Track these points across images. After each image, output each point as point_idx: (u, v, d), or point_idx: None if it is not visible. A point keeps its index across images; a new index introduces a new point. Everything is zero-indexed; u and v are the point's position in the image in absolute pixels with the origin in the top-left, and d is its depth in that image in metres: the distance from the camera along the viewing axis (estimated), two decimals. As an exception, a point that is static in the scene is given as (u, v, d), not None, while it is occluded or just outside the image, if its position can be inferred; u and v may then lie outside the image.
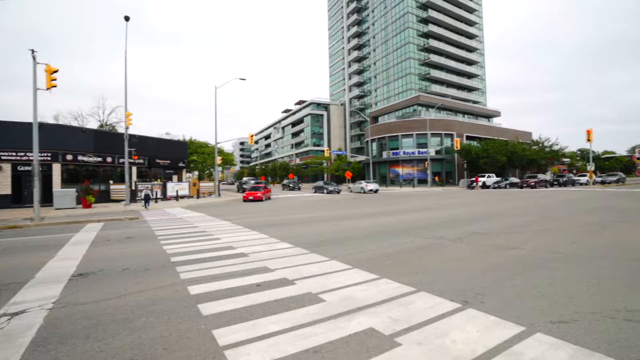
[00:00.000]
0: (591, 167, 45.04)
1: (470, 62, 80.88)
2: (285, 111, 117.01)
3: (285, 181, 53.61)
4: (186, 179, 40.35)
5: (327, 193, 37.29)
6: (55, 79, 15.98)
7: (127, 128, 23.98)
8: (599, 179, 46.14)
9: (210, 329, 3.85)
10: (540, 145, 54.17)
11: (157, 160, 34.30)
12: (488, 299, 4.60)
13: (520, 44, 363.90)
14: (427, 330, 3.71)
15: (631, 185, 40.42)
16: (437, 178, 52.35)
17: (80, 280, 6.00)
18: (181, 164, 38.01)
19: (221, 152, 62.42)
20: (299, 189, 48.00)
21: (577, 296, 4.65)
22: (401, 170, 54.73)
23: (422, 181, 52.21)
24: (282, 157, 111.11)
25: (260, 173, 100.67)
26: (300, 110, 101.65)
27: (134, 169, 31.24)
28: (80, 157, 26.95)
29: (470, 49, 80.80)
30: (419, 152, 52.27)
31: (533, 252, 7.36)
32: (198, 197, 33.09)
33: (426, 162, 50.07)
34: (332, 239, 9.47)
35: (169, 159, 35.84)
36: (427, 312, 4.18)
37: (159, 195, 29.67)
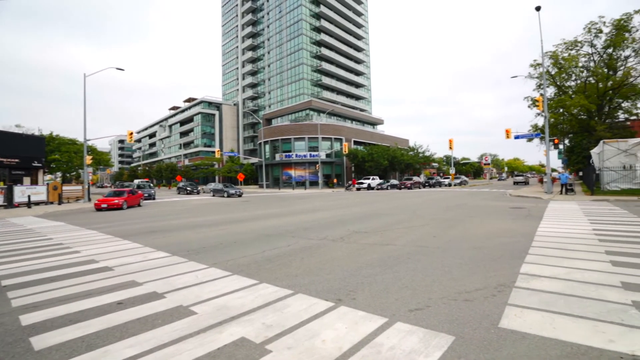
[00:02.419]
0: (453, 170, 53.74)
1: (358, 73, 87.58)
2: (173, 108, 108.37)
3: (181, 184, 48.53)
4: (45, 181, 33.71)
5: (228, 196, 35.43)
6: None
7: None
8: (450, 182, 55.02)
9: (43, 367, 3.14)
10: (415, 151, 62.25)
11: (0, 159, 27.84)
12: (360, 295, 4.87)
13: (400, 63, 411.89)
14: (299, 333, 3.70)
15: (477, 186, 51.64)
16: (335, 180, 55.16)
17: None
18: (36, 164, 31.49)
19: (94, 150, 54.21)
20: (198, 192, 44.13)
21: (432, 284, 5.28)
22: (294, 173, 55.89)
23: (314, 183, 54.29)
24: (169, 158, 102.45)
25: (143, 174, 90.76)
26: (190, 108, 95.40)
27: (-36, 169, 24.76)
28: None
29: (358, 61, 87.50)
30: (310, 155, 54.13)
31: (403, 247, 8.17)
32: (60, 203, 27.94)
33: (317, 165, 52.25)
34: (215, 245, 8.95)
35: (19, 158, 29.37)
36: (302, 315, 4.19)
37: (1, 202, 24.07)
